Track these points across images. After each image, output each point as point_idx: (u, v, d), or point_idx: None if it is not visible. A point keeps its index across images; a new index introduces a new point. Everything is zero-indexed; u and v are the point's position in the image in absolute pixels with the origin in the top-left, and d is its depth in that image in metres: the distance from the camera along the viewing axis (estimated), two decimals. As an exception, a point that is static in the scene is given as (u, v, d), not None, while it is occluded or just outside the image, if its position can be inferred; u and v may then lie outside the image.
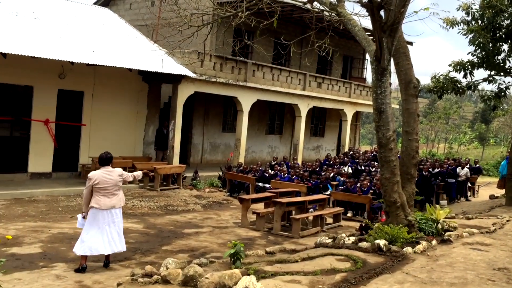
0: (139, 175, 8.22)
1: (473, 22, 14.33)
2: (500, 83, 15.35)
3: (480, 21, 14.21)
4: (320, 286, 5.51)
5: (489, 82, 15.28)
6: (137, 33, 18.94)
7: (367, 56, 24.40)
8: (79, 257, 7.46)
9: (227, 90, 18.39)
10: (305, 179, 15.75)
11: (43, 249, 8.44)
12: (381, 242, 7.26)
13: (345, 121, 24.68)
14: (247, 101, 19.20)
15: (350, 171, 18.19)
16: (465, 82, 15.29)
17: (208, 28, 10.76)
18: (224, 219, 12.54)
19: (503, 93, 15.52)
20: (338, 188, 15.88)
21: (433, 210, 8.78)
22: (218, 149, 21.54)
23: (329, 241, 8.12)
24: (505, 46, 14.57)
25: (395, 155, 8.23)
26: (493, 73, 15.13)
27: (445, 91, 15.54)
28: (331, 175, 16.90)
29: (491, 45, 14.14)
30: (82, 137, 16.24)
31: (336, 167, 18.59)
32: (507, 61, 14.67)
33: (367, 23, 10.27)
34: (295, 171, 16.69)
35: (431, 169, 17.47)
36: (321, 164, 19.09)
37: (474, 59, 14.77)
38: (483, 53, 14.36)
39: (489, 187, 23.22)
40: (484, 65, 14.68)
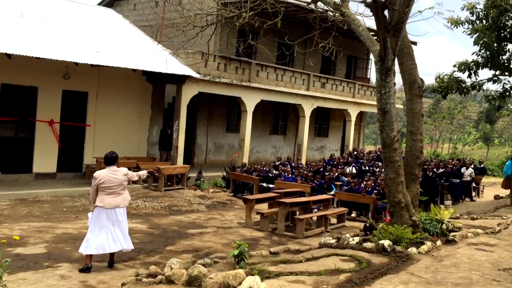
0: (144, 174, 8.27)
1: (478, 21, 14.28)
2: (504, 83, 15.30)
3: (484, 21, 14.16)
4: (324, 286, 5.51)
5: (494, 82, 15.22)
6: (141, 34, 18.98)
7: (371, 56, 24.42)
8: (84, 257, 7.49)
9: (231, 90, 18.40)
10: (309, 179, 15.74)
11: (48, 249, 8.47)
12: (386, 242, 7.24)
13: (349, 121, 24.66)
14: (251, 102, 19.21)
15: (354, 171, 18.17)
16: (469, 82, 15.24)
17: (212, 28, 10.77)
18: (228, 219, 12.55)
19: (507, 93, 15.46)
20: (342, 188, 15.87)
21: (438, 210, 8.76)
22: (222, 149, 21.55)
23: (333, 241, 8.12)
24: (509, 45, 14.51)
25: (399, 155, 8.21)
26: (497, 73, 15.07)
27: (449, 91, 15.49)
28: (335, 175, 16.89)
29: (495, 44, 14.09)
30: (86, 137, 16.29)
31: (340, 167, 18.58)
32: (512, 61, 14.63)
33: (371, 23, 10.25)
34: (299, 171, 16.69)
35: (435, 169, 17.42)
36: (325, 164, 19.08)
37: (478, 59, 14.73)
38: (488, 53, 14.30)
39: (493, 187, 23.13)
40: (488, 65, 14.62)
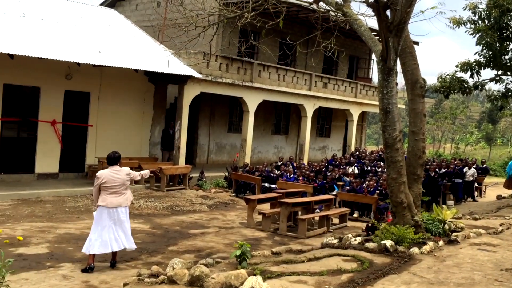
0: (146, 173, 8.29)
1: (480, 21, 14.27)
2: (507, 83, 15.30)
3: (487, 21, 14.15)
4: (326, 286, 5.50)
5: (496, 81, 15.23)
6: (143, 34, 19.00)
7: (373, 56, 24.39)
8: (86, 257, 7.50)
9: (233, 90, 18.40)
10: (311, 180, 15.73)
11: (50, 249, 8.48)
12: (388, 242, 7.23)
13: (351, 121, 24.63)
14: (253, 102, 19.21)
15: (356, 171, 18.15)
16: (472, 82, 15.24)
17: (214, 28, 10.77)
18: (230, 219, 12.55)
19: (510, 93, 15.45)
20: (344, 188, 15.85)
21: (440, 210, 8.74)
22: (224, 149, 21.55)
23: (335, 241, 8.11)
24: (512, 45, 14.53)
25: (401, 155, 8.20)
26: (500, 72, 15.08)
27: (451, 91, 15.50)
28: (337, 175, 16.87)
29: (498, 44, 14.09)
30: (88, 137, 16.31)
31: (342, 167, 18.56)
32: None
33: (373, 23, 10.25)
34: (301, 171, 16.68)
35: (437, 170, 17.39)
36: (327, 164, 19.06)
37: (481, 58, 14.72)
38: (490, 52, 14.30)
39: (496, 188, 23.09)
40: (491, 64, 14.62)
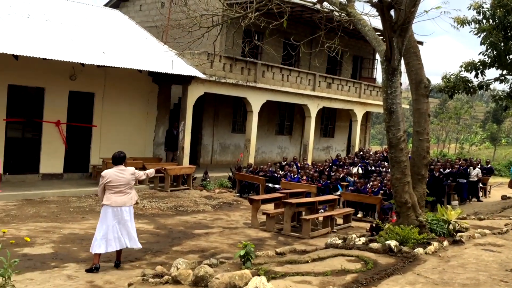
0: (152, 172, 8.33)
1: (484, 21, 14.22)
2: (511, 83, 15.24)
3: (491, 20, 14.10)
4: (330, 286, 5.50)
5: (501, 81, 15.18)
6: (147, 35, 19.03)
7: (377, 56, 24.36)
8: (90, 257, 7.51)
9: (236, 90, 18.41)
10: (315, 180, 15.72)
11: (55, 249, 8.51)
12: (392, 243, 7.22)
13: (355, 122, 24.61)
14: (256, 102, 19.21)
15: (360, 171, 18.12)
16: (476, 81, 15.19)
17: (217, 29, 10.78)
18: (234, 219, 12.55)
19: (515, 93, 15.40)
20: (348, 188, 15.83)
21: (445, 210, 8.72)
22: (228, 149, 21.56)
23: (340, 241, 8.10)
24: (516, 45, 14.46)
25: (405, 155, 8.18)
26: (504, 72, 15.02)
27: (456, 91, 15.45)
28: (341, 175, 16.85)
29: (502, 44, 14.04)
30: (93, 138, 16.35)
31: (346, 167, 18.54)
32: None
33: (377, 23, 10.24)
34: (305, 171, 16.67)
35: (442, 170, 17.35)
36: (331, 164, 19.03)
37: (485, 58, 14.67)
38: (495, 52, 14.25)
39: (501, 188, 23.01)
40: (495, 64, 14.57)
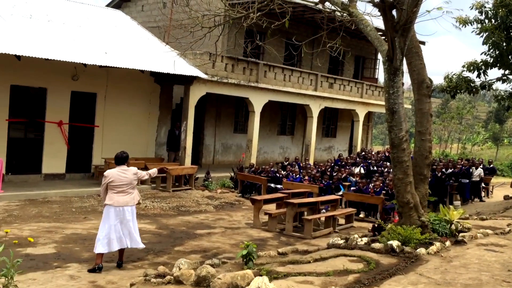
0: (154, 172, 8.33)
1: (487, 21, 14.19)
2: (514, 82, 15.21)
3: (493, 20, 14.07)
4: (332, 287, 5.49)
5: (503, 81, 15.14)
6: (149, 35, 19.05)
7: (379, 56, 24.31)
8: (93, 257, 7.52)
9: (238, 91, 18.41)
10: (317, 180, 15.71)
11: (57, 249, 8.52)
12: (394, 243, 7.21)
13: (357, 122, 24.59)
14: (258, 102, 19.21)
15: (362, 171, 18.11)
16: (478, 81, 15.15)
17: (219, 29, 10.78)
18: (236, 220, 12.55)
19: (517, 93, 15.36)
20: (350, 188, 15.82)
21: (447, 211, 8.71)
22: (230, 150, 21.57)
23: (342, 242, 8.09)
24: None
25: (408, 155, 8.17)
26: (507, 72, 14.98)
27: (458, 91, 15.41)
28: (343, 175, 16.84)
29: (504, 44, 14.00)
30: (95, 138, 16.37)
31: (348, 167, 18.52)
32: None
33: (379, 23, 10.22)
34: (307, 171, 16.66)
35: (444, 170, 17.32)
36: (333, 164, 19.02)
37: (487, 58, 14.63)
38: (497, 52, 14.21)
39: (503, 188, 22.98)
40: (498, 64, 14.53)
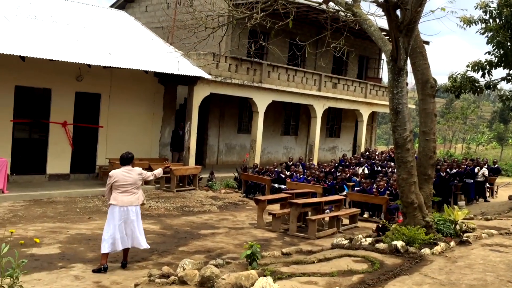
0: (159, 172, 8.35)
1: (491, 20, 14.14)
2: (519, 82, 15.14)
3: (498, 20, 14.02)
4: (337, 287, 5.49)
5: (508, 81, 15.08)
6: (153, 35, 19.08)
7: (383, 56, 24.28)
8: (98, 257, 7.54)
9: (242, 91, 18.42)
10: (321, 180, 15.69)
11: (62, 249, 8.54)
12: (399, 243, 7.20)
13: (361, 122, 24.55)
14: (262, 102, 19.21)
15: (366, 171, 18.07)
16: (483, 81, 15.10)
17: (223, 29, 10.79)
18: (240, 220, 12.56)
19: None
20: (354, 189, 15.79)
21: (451, 211, 8.69)
22: (233, 150, 21.57)
23: (346, 242, 8.08)
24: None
25: (412, 155, 8.16)
26: (511, 72, 14.92)
27: (462, 91, 15.36)
28: (347, 175, 16.81)
29: (509, 44, 13.95)
30: (99, 139, 16.40)
31: (352, 167, 18.49)
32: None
33: (383, 23, 10.20)
34: (311, 172, 16.64)
35: (449, 170, 17.27)
36: (337, 164, 18.99)
37: (492, 58, 14.59)
38: (502, 52, 14.17)
39: (508, 188, 22.89)
40: (502, 64, 14.48)
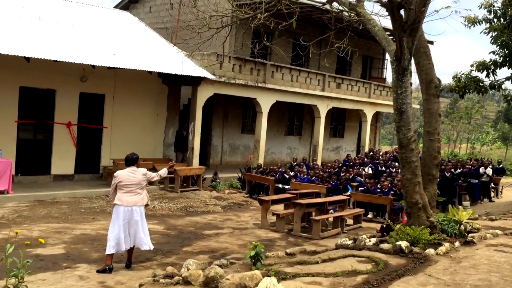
0: (164, 172, 8.37)
1: (495, 20, 14.10)
2: (523, 82, 15.07)
3: (502, 19, 13.98)
4: (341, 287, 5.48)
5: (512, 81, 15.02)
6: (156, 36, 19.11)
7: (387, 56, 24.24)
8: (102, 257, 7.56)
9: (246, 91, 18.42)
10: (324, 180, 15.68)
11: (66, 250, 8.57)
12: (403, 243, 7.18)
13: (365, 122, 24.50)
14: (266, 102, 19.21)
15: (370, 172, 18.04)
16: (487, 81, 15.05)
17: (227, 30, 10.80)
18: (244, 220, 12.56)
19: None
20: (358, 189, 15.77)
21: (456, 211, 8.66)
22: (237, 150, 21.58)
23: (350, 242, 8.07)
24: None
25: (416, 155, 8.13)
26: (516, 71, 14.87)
27: (467, 91, 15.31)
28: (351, 176, 16.78)
29: (514, 43, 13.91)
30: (103, 139, 16.44)
31: (356, 168, 18.47)
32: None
33: (387, 22, 10.20)
34: (315, 172, 16.63)
35: (453, 170, 17.23)
36: (341, 164, 18.96)
37: (496, 58, 14.54)
38: (506, 51, 14.12)
39: (513, 188, 22.81)
40: (507, 63, 14.43)
